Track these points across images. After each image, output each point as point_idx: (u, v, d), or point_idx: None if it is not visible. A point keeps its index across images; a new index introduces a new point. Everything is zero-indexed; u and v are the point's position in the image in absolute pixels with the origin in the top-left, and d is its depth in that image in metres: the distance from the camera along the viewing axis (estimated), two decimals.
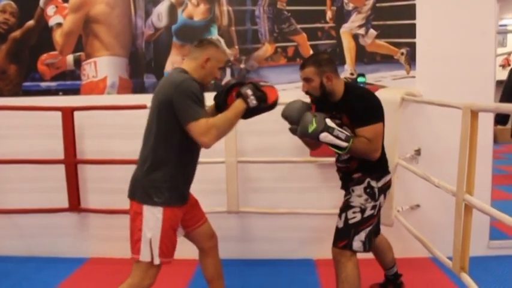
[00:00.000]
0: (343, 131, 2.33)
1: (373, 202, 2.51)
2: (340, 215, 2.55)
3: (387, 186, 2.60)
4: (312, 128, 2.32)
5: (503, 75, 7.49)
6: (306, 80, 2.49)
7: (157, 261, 2.25)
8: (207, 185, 2.51)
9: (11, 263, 3.78)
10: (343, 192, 3.59)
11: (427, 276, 3.35)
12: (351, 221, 2.49)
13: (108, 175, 3.77)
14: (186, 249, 2.63)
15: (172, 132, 2.23)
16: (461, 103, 2.46)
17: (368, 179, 2.52)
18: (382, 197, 2.56)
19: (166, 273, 2.49)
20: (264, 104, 2.31)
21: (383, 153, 2.57)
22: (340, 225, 2.52)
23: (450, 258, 2.63)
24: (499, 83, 3.87)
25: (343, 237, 2.49)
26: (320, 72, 2.43)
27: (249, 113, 2.32)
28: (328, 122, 2.33)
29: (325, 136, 2.31)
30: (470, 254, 2.58)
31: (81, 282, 3.46)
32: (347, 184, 2.63)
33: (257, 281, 3.38)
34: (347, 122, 2.44)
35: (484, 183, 3.46)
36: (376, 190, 2.52)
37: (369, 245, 2.53)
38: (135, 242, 2.28)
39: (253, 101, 2.26)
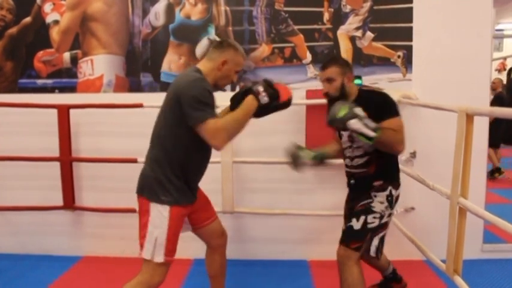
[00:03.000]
0: (372, 122, 2.30)
1: (390, 210, 2.55)
2: (357, 217, 2.51)
3: (398, 195, 2.63)
4: (342, 112, 2.28)
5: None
6: (329, 80, 2.51)
7: (160, 259, 2.24)
8: (202, 184, 2.50)
9: (5, 261, 3.76)
10: (337, 193, 3.61)
11: (420, 279, 3.35)
12: (369, 225, 2.48)
13: (104, 173, 3.77)
14: (181, 249, 2.62)
15: (182, 132, 2.20)
16: (457, 106, 2.47)
17: (390, 187, 2.54)
18: (396, 205, 2.62)
19: None
20: (276, 102, 2.28)
21: (397, 162, 2.65)
22: (357, 226, 2.49)
23: (444, 261, 2.64)
24: None
25: (358, 238, 2.48)
26: (342, 72, 2.48)
27: (261, 111, 2.29)
28: (358, 110, 2.29)
29: (354, 123, 2.27)
30: (464, 257, 2.59)
31: (75, 280, 3.45)
32: (363, 190, 2.58)
33: (250, 282, 3.38)
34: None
35: (478, 186, 3.47)
36: (394, 198, 2.56)
37: (381, 252, 2.56)
38: (141, 238, 2.28)
39: (264, 98, 2.23)
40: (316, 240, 3.80)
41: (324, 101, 3.34)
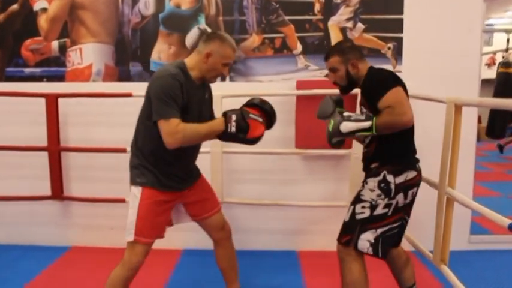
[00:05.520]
0: (362, 113, 2.22)
1: (387, 200, 2.23)
2: (349, 207, 2.35)
3: (411, 184, 2.28)
4: (330, 126, 2.22)
5: (488, 74, 7.59)
6: (332, 70, 2.39)
7: (130, 237, 2.29)
8: None
9: None
10: (327, 184, 3.63)
11: None
12: (358, 216, 2.26)
13: (92, 163, 3.75)
14: (170, 239, 2.62)
15: (152, 125, 2.21)
16: (446, 97, 2.50)
17: (384, 172, 2.26)
18: (401, 196, 2.25)
19: (150, 263, 2.48)
20: (242, 135, 2.23)
21: (406, 144, 2.35)
22: (346, 218, 2.32)
23: (432, 252, 2.66)
24: (484, 81, 3.92)
25: (347, 232, 2.29)
26: (345, 61, 2.33)
27: (225, 136, 2.27)
28: (344, 113, 2.23)
29: (345, 126, 2.18)
30: (452, 248, 2.62)
31: (63, 270, 3.44)
32: (365, 175, 2.40)
33: (240, 272, 3.38)
34: (367, 106, 2.29)
35: (466, 178, 3.50)
36: (392, 186, 2.24)
37: (382, 251, 2.25)
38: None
39: (232, 128, 2.21)
40: (305, 231, 3.81)
41: (313, 91, 3.39)
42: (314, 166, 3.70)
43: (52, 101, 3.54)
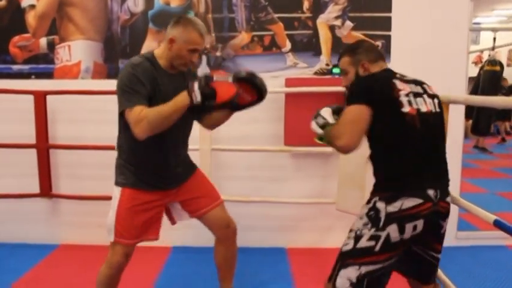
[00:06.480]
0: (326, 117, 1.97)
1: (374, 230, 1.81)
2: None
3: (410, 215, 1.80)
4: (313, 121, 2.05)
5: (475, 72, 7.66)
6: (343, 72, 2.11)
7: (110, 238, 2.28)
8: None
9: None
10: (315, 181, 3.64)
11: None
12: (343, 248, 1.90)
13: (81, 161, 3.74)
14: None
15: (125, 122, 2.15)
16: None
17: (376, 198, 1.87)
18: (393, 228, 1.79)
19: (139, 260, 2.48)
20: (210, 102, 2.03)
21: (406, 164, 1.87)
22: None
23: None
24: (471, 79, 3.97)
25: (334, 265, 1.92)
26: (355, 62, 2.03)
27: (195, 109, 2.10)
28: (322, 111, 2.02)
29: (311, 125, 2.02)
30: None
31: (51, 268, 3.43)
32: None
33: None
34: None
35: (453, 175, 3.52)
36: (382, 215, 1.81)
37: None
38: None
39: (197, 98, 2.01)
40: (294, 228, 3.83)
41: (302, 89, 3.41)
42: (303, 163, 3.72)
43: (40, 98, 3.53)
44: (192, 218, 2.53)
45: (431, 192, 1.84)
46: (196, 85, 2.01)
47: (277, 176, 3.76)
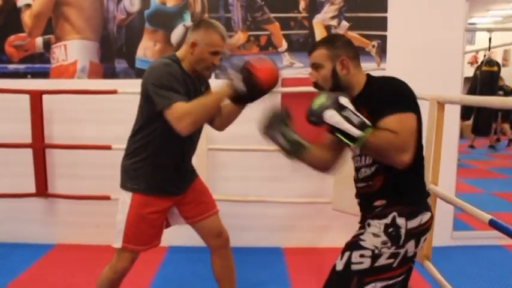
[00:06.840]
0: (360, 116, 1.60)
1: (394, 248, 1.71)
2: (342, 253, 1.78)
3: (425, 229, 1.76)
4: (318, 102, 1.64)
5: (471, 72, 7.69)
6: (315, 66, 1.83)
7: (118, 244, 2.23)
8: None
9: None
10: (312, 181, 3.63)
11: None
12: (354, 267, 1.72)
13: (77, 160, 3.73)
14: None
15: (151, 122, 2.13)
16: (428, 94, 2.54)
17: (394, 213, 1.73)
18: (412, 244, 1.72)
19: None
20: (256, 88, 1.96)
21: (422, 177, 1.83)
22: (339, 267, 1.75)
23: None
24: (466, 79, 3.98)
25: (339, 283, 1.75)
26: (333, 56, 1.78)
27: (243, 98, 2.03)
28: (342, 99, 1.63)
29: (331, 115, 1.60)
30: (434, 244, 2.66)
31: (47, 268, 3.42)
32: (365, 214, 1.86)
33: None
34: (367, 118, 1.64)
35: (448, 175, 3.55)
36: (402, 232, 1.71)
37: None
38: None
39: (240, 86, 1.95)
40: (290, 228, 3.84)
41: (298, 89, 3.41)
42: (299, 163, 3.72)
43: (36, 98, 3.52)
44: (187, 223, 2.48)
45: (430, 203, 1.86)
46: (232, 72, 1.96)
47: (273, 176, 3.76)
